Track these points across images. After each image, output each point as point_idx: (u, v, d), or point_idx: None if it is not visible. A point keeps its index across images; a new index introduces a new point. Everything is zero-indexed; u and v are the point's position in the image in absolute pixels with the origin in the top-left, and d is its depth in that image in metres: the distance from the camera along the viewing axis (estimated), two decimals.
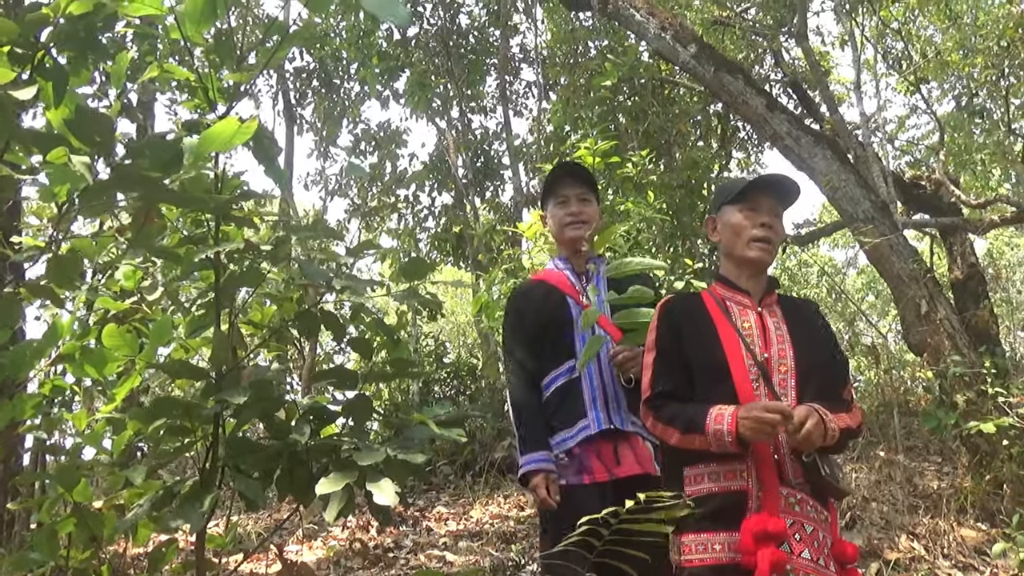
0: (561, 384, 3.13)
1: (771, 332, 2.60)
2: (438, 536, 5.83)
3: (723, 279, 2.72)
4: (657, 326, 2.67)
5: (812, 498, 2.45)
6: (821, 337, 2.75)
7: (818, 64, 10.02)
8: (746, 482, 2.41)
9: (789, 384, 2.53)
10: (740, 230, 2.64)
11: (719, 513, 2.40)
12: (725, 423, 2.34)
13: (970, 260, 9.36)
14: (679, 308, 2.69)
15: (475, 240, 10.04)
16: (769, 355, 2.56)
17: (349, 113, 12.85)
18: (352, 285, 2.38)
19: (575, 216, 3.28)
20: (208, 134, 1.78)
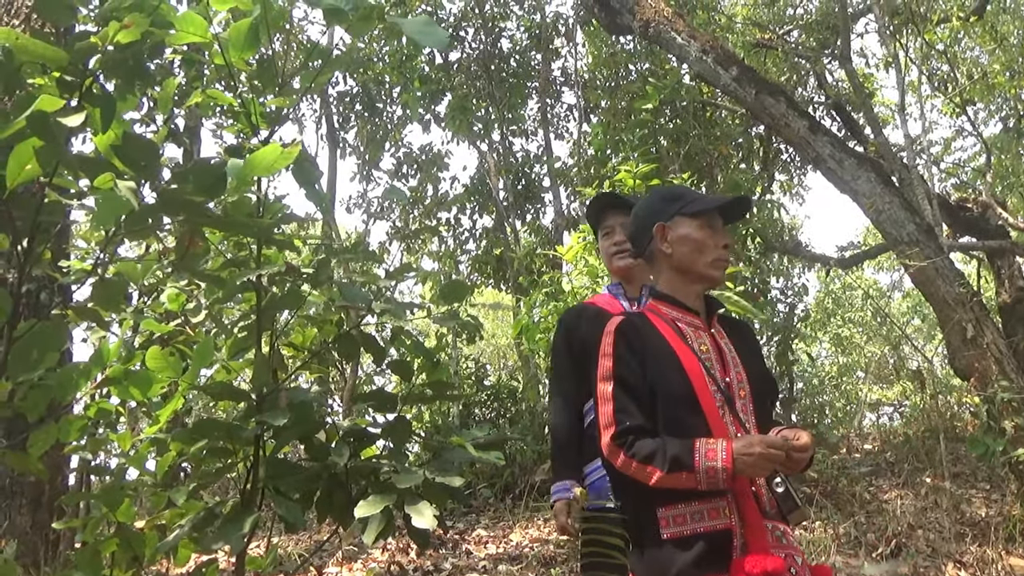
0: None
1: (726, 355, 2.48)
2: (477, 559, 5.81)
3: (666, 297, 2.54)
4: (613, 352, 2.43)
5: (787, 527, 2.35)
6: (760, 358, 2.67)
7: (862, 86, 9.95)
8: (729, 519, 2.24)
9: (749, 409, 2.42)
10: (703, 248, 2.48)
11: (704, 556, 2.21)
12: (719, 459, 2.18)
13: (1018, 283, 9.22)
14: (634, 329, 2.46)
15: (515, 263, 10.05)
16: (729, 380, 2.43)
17: (391, 136, 12.95)
18: (391, 308, 2.40)
19: (619, 246, 3.26)
20: (252, 159, 1.80)
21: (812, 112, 10.03)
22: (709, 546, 2.21)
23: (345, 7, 2.10)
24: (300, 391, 2.43)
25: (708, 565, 2.19)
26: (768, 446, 2.16)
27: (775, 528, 2.28)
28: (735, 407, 2.37)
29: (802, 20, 12.28)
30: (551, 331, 6.52)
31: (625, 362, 2.39)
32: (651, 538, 2.27)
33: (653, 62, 11.20)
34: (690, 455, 2.20)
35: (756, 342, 2.71)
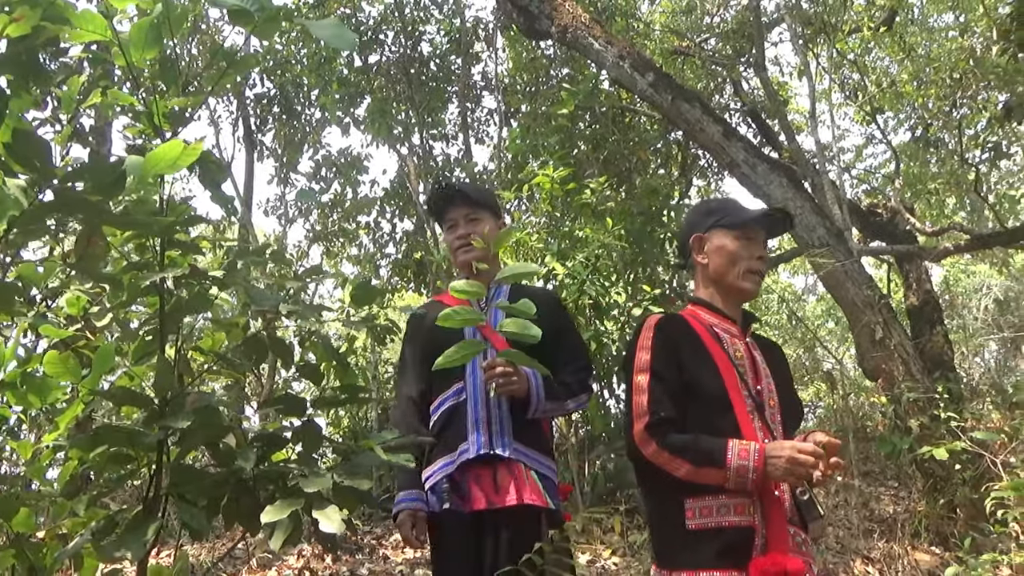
0: (448, 407, 3.02)
1: (759, 364, 2.54)
2: (394, 564, 5.78)
3: (706, 304, 2.62)
4: (652, 345, 2.49)
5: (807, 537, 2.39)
6: (789, 380, 2.70)
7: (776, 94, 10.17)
8: (752, 518, 2.29)
9: (777, 420, 2.47)
10: (736, 259, 2.57)
11: (726, 550, 2.27)
12: (751, 460, 2.23)
13: (925, 287, 9.51)
14: (672, 329, 2.53)
15: (435, 266, 10.02)
16: (761, 388, 2.49)
17: (310, 139, 12.82)
18: (300, 311, 2.37)
19: (463, 239, 3.20)
20: (152, 156, 1.77)
21: (728, 119, 10.22)
22: (731, 541, 2.26)
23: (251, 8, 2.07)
24: (206, 395, 2.39)
25: (728, 559, 2.24)
26: (799, 451, 2.18)
27: (796, 534, 2.33)
28: (764, 414, 2.43)
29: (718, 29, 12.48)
30: None
31: (662, 357, 2.45)
32: (675, 527, 2.34)
33: (573, 68, 11.29)
34: (723, 452, 2.26)
35: (786, 365, 2.74)
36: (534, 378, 2.92)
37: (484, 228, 3.20)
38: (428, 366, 2.84)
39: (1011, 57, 8.04)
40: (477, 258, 3.17)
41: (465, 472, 2.89)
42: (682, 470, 2.30)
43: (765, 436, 2.38)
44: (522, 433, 2.92)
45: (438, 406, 3.05)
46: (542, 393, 2.93)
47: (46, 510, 3.25)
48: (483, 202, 3.28)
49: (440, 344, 2.78)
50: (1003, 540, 5.36)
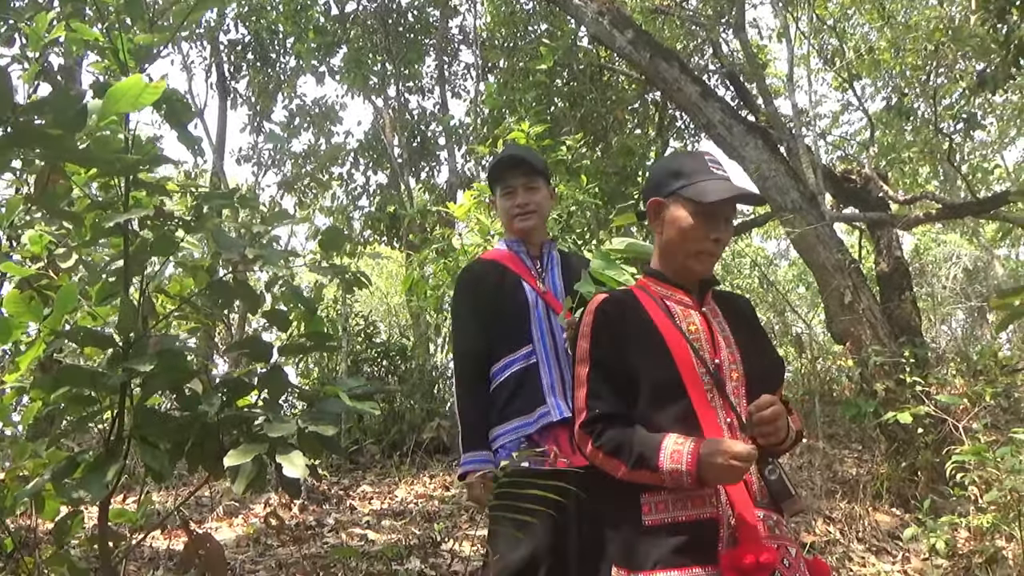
0: (517, 370, 2.99)
1: (718, 335, 2.31)
2: (361, 515, 5.79)
3: (657, 274, 2.39)
4: (592, 332, 2.29)
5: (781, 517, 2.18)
6: (760, 336, 2.51)
7: (755, 57, 10.13)
8: (715, 508, 2.09)
9: (741, 393, 2.25)
10: (690, 237, 2.29)
11: (687, 546, 2.07)
12: (684, 462, 2.03)
13: (896, 254, 9.54)
14: (615, 310, 2.31)
15: (408, 220, 9.97)
16: (720, 360, 2.26)
17: (284, 88, 12.67)
18: (266, 255, 2.33)
19: (522, 208, 3.19)
20: (114, 92, 1.73)
21: (707, 80, 10.17)
22: (693, 536, 2.08)
23: None
24: (170, 339, 2.36)
25: (692, 555, 2.06)
26: (731, 458, 1.99)
27: (767, 517, 2.12)
28: (725, 389, 2.22)
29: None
30: (441, 288, 6.52)
31: (602, 344, 2.26)
32: (632, 524, 2.15)
33: (552, 23, 11.18)
34: (655, 455, 2.07)
35: (754, 318, 2.53)
36: None
37: (540, 198, 3.23)
38: (492, 323, 3.01)
39: (990, 27, 8.03)
40: (536, 226, 3.22)
41: (543, 433, 2.90)
42: (619, 472, 2.14)
43: (727, 415, 2.18)
44: None
45: (505, 366, 3.03)
46: None
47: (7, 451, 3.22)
48: (541, 170, 3.31)
49: (502, 303, 3.04)
50: (962, 503, 5.44)
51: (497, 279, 3.11)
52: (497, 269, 3.15)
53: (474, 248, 6.26)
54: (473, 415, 3.02)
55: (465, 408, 3.05)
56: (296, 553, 4.78)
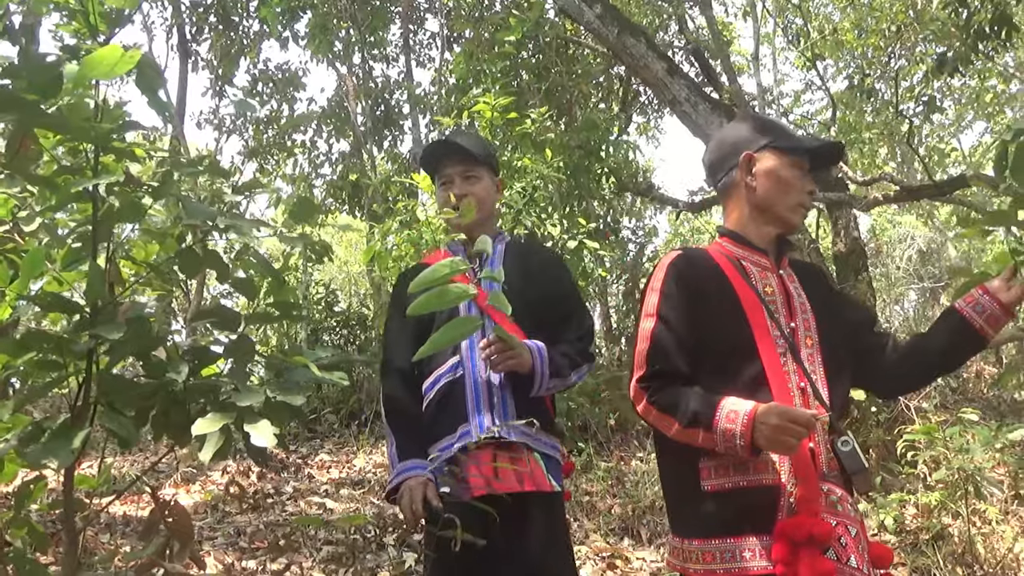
0: (444, 383, 2.74)
1: (794, 299, 2.25)
2: (319, 484, 5.82)
3: (735, 235, 2.33)
4: (663, 287, 2.21)
5: (848, 494, 2.09)
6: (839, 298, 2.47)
7: (720, 34, 10.17)
8: (777, 475, 2.02)
9: (816, 360, 2.19)
10: (790, 189, 2.26)
11: (747, 513, 2.02)
12: (739, 424, 1.95)
13: (853, 234, 9.67)
14: (691, 267, 2.24)
15: (371, 189, 9.93)
16: (795, 325, 2.20)
17: (247, 52, 12.51)
18: (237, 224, 2.33)
19: (459, 199, 2.87)
20: (91, 60, 1.72)
21: (672, 56, 10.20)
22: (753, 503, 2.03)
23: None
24: (138, 306, 2.35)
25: (750, 523, 2.01)
26: (788, 419, 1.90)
27: (831, 491, 2.05)
28: (799, 355, 2.15)
29: None
30: (404, 259, 6.52)
31: (673, 300, 2.18)
32: (691, 490, 2.11)
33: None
34: (711, 413, 2.00)
35: (828, 285, 2.49)
36: (538, 352, 2.67)
37: (480, 188, 2.93)
38: (419, 335, 2.67)
39: (951, 12, 8.14)
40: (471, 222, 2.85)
41: (466, 455, 2.63)
42: (672, 429, 2.07)
43: (800, 380, 2.12)
44: (526, 412, 2.62)
45: (433, 382, 2.77)
46: (546, 369, 2.67)
47: None
48: (482, 158, 2.98)
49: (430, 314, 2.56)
50: (911, 481, 5.59)
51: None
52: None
53: (437, 220, 6.26)
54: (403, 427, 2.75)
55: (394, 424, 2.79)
56: (255, 520, 4.80)
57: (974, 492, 5.03)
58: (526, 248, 3.10)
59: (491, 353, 2.60)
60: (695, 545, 2.08)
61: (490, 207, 2.99)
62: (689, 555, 2.10)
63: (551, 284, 2.87)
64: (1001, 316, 2.17)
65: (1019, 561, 5.05)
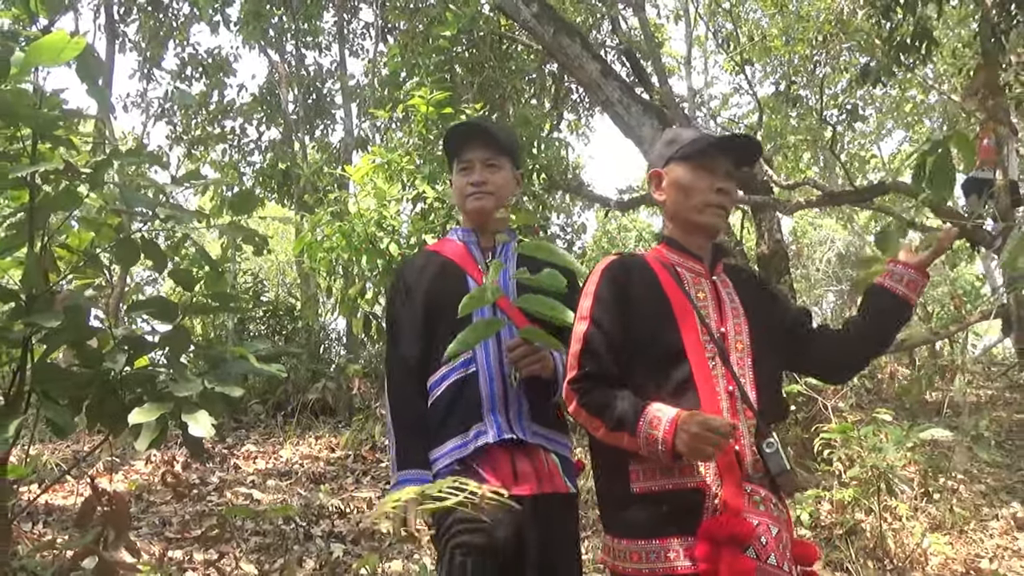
0: (454, 382, 2.62)
1: (726, 304, 2.31)
2: (246, 474, 5.79)
3: (671, 242, 2.39)
4: (596, 291, 2.26)
5: (773, 494, 2.15)
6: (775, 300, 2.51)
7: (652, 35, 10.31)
8: (703, 478, 2.07)
9: (747, 363, 2.24)
10: (692, 192, 2.31)
11: (674, 515, 2.07)
12: (661, 430, 2.00)
13: (776, 237, 9.90)
14: (624, 271, 2.29)
15: (302, 179, 9.87)
16: (725, 330, 2.26)
17: (176, 35, 12.29)
18: (177, 215, 2.34)
19: (478, 186, 2.77)
20: (37, 47, 1.72)
21: (605, 56, 10.32)
22: (679, 505, 2.08)
23: None
24: (75, 295, 2.35)
25: (676, 524, 2.06)
26: (706, 428, 1.95)
27: (754, 492, 2.10)
28: (729, 359, 2.20)
29: None
30: (335, 250, 6.50)
31: (605, 304, 2.24)
32: (621, 491, 2.17)
33: None
34: (635, 418, 2.06)
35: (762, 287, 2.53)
36: (559, 358, 2.59)
37: (500, 178, 2.82)
38: (429, 327, 2.61)
39: (875, 23, 8.39)
40: (491, 209, 2.78)
41: (479, 457, 2.54)
42: (599, 432, 2.13)
43: (728, 384, 2.17)
44: (540, 413, 2.61)
45: (442, 378, 2.65)
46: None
47: None
48: (507, 147, 2.87)
49: (443, 303, 2.57)
50: (826, 478, 5.75)
51: (437, 274, 2.71)
52: (438, 262, 2.75)
53: (369, 212, 6.26)
54: (407, 427, 2.65)
55: (398, 422, 2.67)
56: (180, 511, 4.76)
57: (886, 489, 5.21)
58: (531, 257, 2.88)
59: (520, 355, 2.53)
60: (624, 545, 2.14)
61: (507, 199, 2.88)
62: (619, 554, 2.15)
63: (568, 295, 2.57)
64: (918, 279, 2.32)
65: (927, 555, 5.25)
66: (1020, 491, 7.07)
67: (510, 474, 2.50)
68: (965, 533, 5.81)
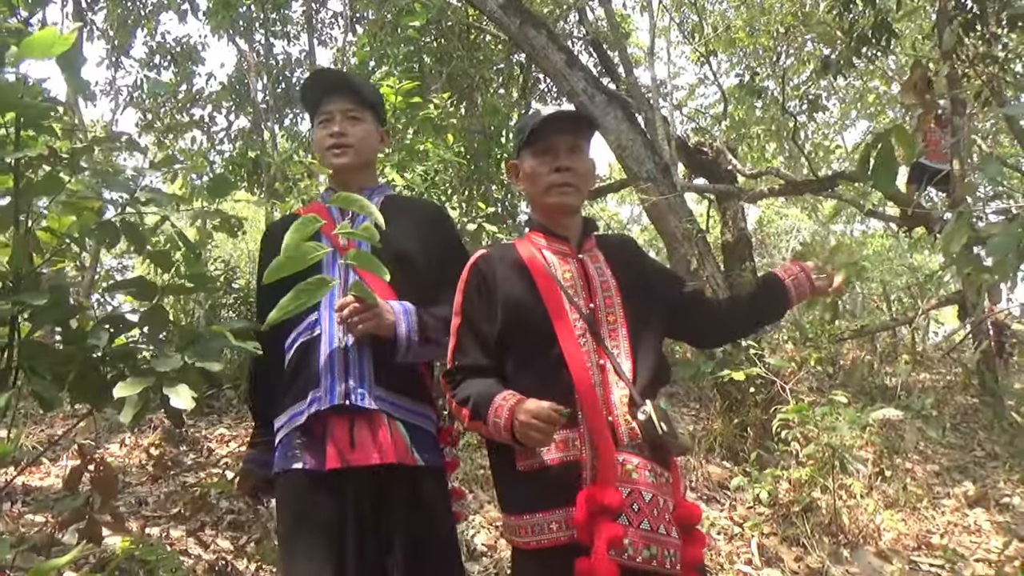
0: (300, 344, 2.54)
1: (595, 280, 2.37)
2: (219, 456, 5.87)
3: (538, 226, 2.48)
4: (464, 287, 2.37)
5: (651, 460, 2.21)
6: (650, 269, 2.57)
7: (619, 26, 10.45)
8: (579, 451, 2.17)
9: (620, 334, 2.31)
10: (537, 177, 2.40)
11: (553, 488, 2.16)
12: (503, 418, 2.12)
13: (740, 225, 10.11)
14: (490, 264, 2.37)
15: (273, 168, 9.93)
16: (595, 306, 2.32)
17: (144, 23, 12.28)
18: (156, 198, 2.46)
19: (338, 139, 2.67)
20: (30, 42, 1.83)
21: (571, 46, 10.43)
22: (559, 478, 2.16)
23: None
24: (59, 275, 2.46)
25: (557, 497, 2.15)
26: (532, 416, 2.06)
27: (627, 461, 2.17)
28: (600, 334, 2.28)
29: None
30: None
31: (472, 299, 2.34)
32: (508, 470, 2.26)
33: None
34: (486, 407, 2.16)
35: (638, 254, 2.60)
36: (404, 316, 2.48)
37: (361, 130, 2.70)
38: (280, 289, 2.28)
39: (836, 15, 8.57)
40: (353, 165, 2.70)
41: (317, 424, 2.45)
42: (466, 422, 2.25)
43: (600, 358, 2.25)
44: (388, 377, 2.47)
45: (291, 343, 2.58)
46: (414, 335, 2.46)
47: None
48: (369, 99, 2.76)
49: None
50: (784, 458, 5.94)
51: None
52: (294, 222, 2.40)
53: None
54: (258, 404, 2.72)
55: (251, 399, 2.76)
56: (155, 491, 4.86)
57: (840, 468, 5.40)
58: (408, 202, 2.87)
59: (348, 315, 2.39)
60: (512, 520, 2.26)
61: (370, 154, 2.78)
62: (513, 529, 2.26)
63: (432, 241, 2.66)
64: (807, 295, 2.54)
65: (880, 531, 5.46)
66: (972, 471, 7.33)
67: (347, 442, 2.39)
68: (918, 511, 6.03)
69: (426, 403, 2.56)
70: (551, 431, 2.06)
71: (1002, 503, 6.49)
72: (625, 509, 2.10)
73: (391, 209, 2.62)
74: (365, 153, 2.72)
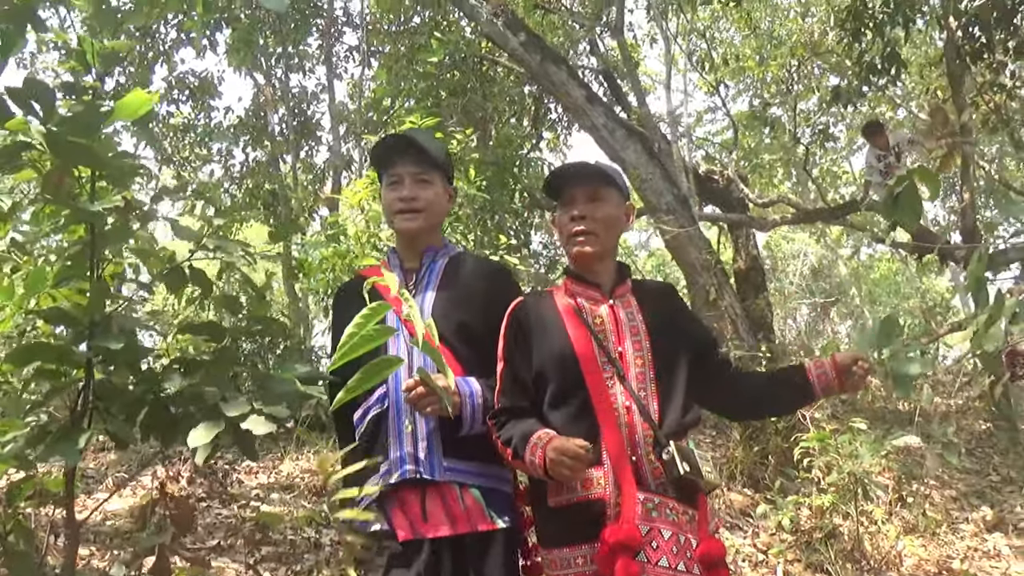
0: (373, 416, 2.57)
1: (623, 324, 2.45)
2: (249, 488, 5.95)
3: (572, 273, 2.58)
4: (505, 333, 2.50)
5: (675, 499, 2.29)
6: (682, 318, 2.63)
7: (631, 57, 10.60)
8: (604, 489, 2.27)
9: (648, 378, 2.39)
10: (560, 228, 2.57)
11: (579, 524, 2.28)
12: (537, 456, 2.24)
13: (752, 252, 10.21)
14: (527, 311, 2.52)
15: (293, 200, 10.06)
16: (623, 350, 2.41)
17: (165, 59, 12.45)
18: (223, 245, 2.58)
19: (407, 203, 2.66)
20: (121, 105, 1.95)
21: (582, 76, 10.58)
22: (584, 515, 2.27)
23: None
24: (130, 319, 2.56)
25: (583, 533, 2.26)
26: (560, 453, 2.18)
27: (648, 499, 2.24)
28: (627, 377, 2.37)
29: None
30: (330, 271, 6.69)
31: (511, 345, 2.48)
32: (542, 506, 2.40)
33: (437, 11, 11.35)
34: (524, 446, 2.29)
35: (674, 301, 2.68)
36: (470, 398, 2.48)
37: (431, 194, 2.69)
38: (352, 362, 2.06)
39: (846, 45, 8.70)
40: (422, 229, 2.70)
41: (389, 496, 2.46)
42: (508, 460, 2.38)
43: (626, 400, 2.34)
44: (457, 446, 2.48)
45: (363, 414, 2.61)
46: (478, 414, 2.48)
47: None
48: (437, 160, 2.73)
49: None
50: (806, 484, 6.01)
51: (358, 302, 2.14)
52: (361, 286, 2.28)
53: (364, 234, 6.46)
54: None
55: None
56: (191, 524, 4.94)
57: (862, 494, 5.48)
58: (473, 264, 2.81)
59: (414, 399, 2.39)
60: (545, 554, 2.40)
61: (438, 217, 2.78)
62: (546, 563, 2.40)
63: (494, 302, 2.62)
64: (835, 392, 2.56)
65: (901, 557, 5.52)
66: (989, 495, 7.38)
67: (419, 514, 2.43)
68: (937, 536, 6.09)
69: (499, 464, 2.54)
70: (579, 467, 2.19)
71: (1020, 527, 6.53)
72: (644, 547, 2.18)
73: (454, 273, 2.68)
74: (433, 217, 2.73)
